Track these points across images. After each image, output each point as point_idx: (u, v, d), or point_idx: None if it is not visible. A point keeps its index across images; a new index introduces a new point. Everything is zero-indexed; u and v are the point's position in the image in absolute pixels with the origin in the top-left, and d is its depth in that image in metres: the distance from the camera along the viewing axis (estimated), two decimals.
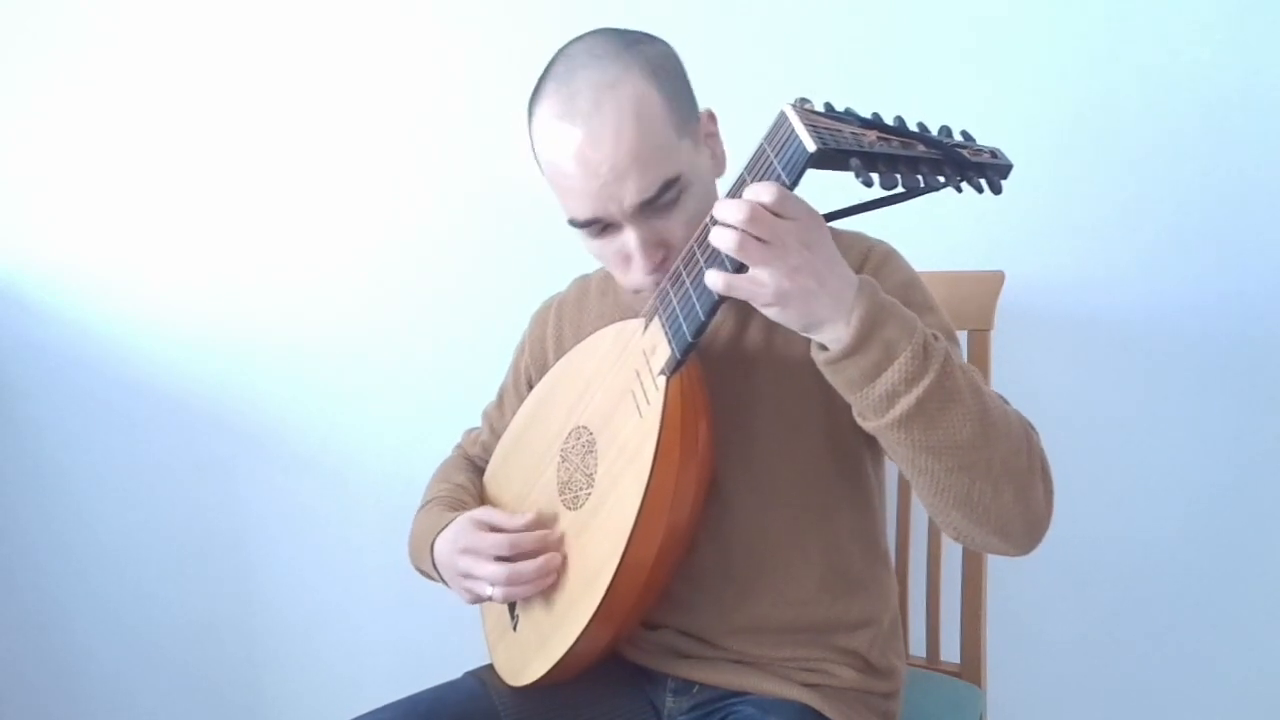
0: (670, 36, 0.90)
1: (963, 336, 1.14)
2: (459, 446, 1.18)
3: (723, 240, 0.70)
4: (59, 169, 1.59)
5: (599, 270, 1.08)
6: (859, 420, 0.76)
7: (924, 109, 1.28)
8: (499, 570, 0.88)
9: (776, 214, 0.69)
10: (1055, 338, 1.29)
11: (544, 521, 0.93)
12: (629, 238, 0.85)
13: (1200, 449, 1.28)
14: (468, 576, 0.92)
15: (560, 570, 0.90)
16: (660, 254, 0.85)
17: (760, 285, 0.71)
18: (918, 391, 0.70)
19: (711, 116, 0.90)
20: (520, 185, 1.42)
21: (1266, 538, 1.28)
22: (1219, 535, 1.29)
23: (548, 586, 0.91)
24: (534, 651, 0.92)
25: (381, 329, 1.54)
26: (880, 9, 1.28)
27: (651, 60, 0.84)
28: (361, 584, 1.63)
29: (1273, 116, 1.19)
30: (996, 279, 1.14)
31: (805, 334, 0.74)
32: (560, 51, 0.88)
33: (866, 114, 0.72)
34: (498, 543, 0.89)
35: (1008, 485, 0.74)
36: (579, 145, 0.81)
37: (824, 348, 0.73)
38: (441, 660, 1.11)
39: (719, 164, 0.91)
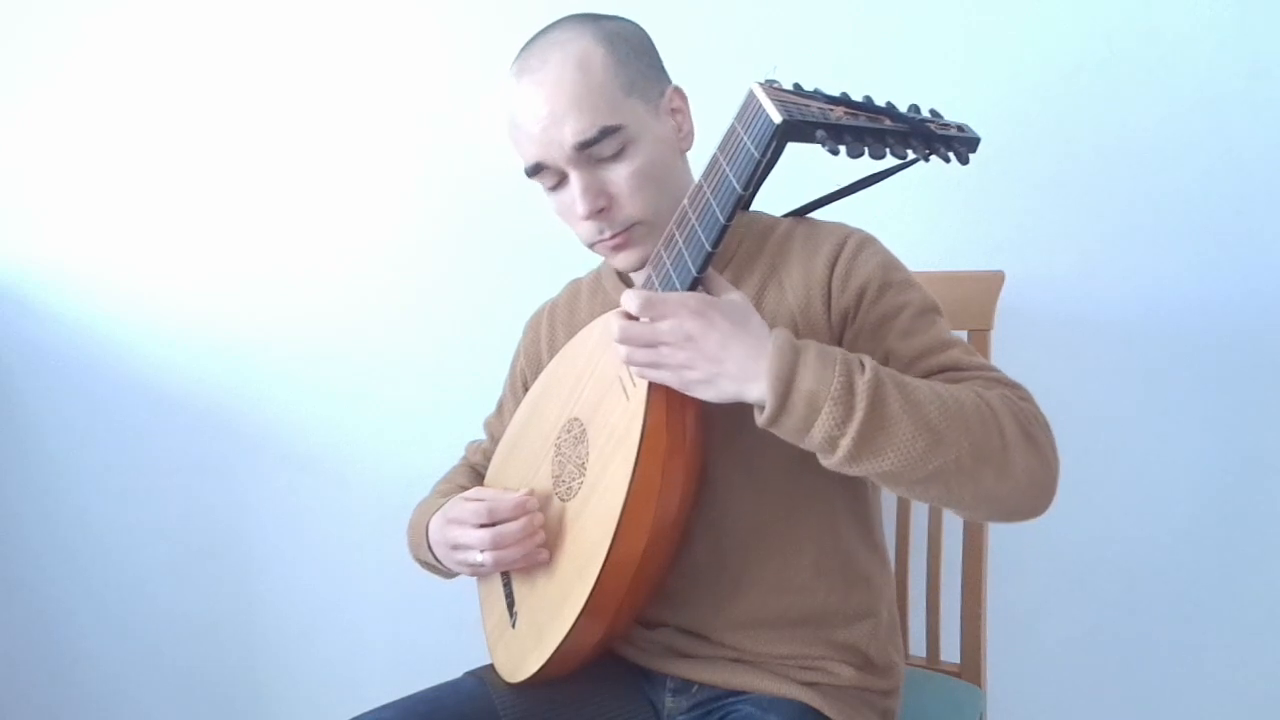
0: (671, 41, 0.91)
1: (962, 337, 1.15)
2: (463, 458, 1.19)
3: (618, 353, 0.79)
4: (60, 169, 1.59)
5: (590, 272, 1.09)
6: (820, 460, 0.78)
7: (924, 108, 1.28)
8: (484, 534, 0.90)
9: (649, 318, 0.76)
10: (1055, 338, 1.29)
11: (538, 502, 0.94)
12: (572, 181, 0.89)
13: (1200, 448, 1.28)
14: (457, 547, 0.94)
15: (555, 559, 0.91)
16: (601, 202, 0.89)
17: (667, 378, 0.78)
18: (852, 433, 0.72)
19: (680, 94, 0.94)
20: (521, 186, 1.43)
21: (1266, 537, 1.28)
22: (1219, 535, 1.29)
23: (543, 570, 0.91)
24: (531, 645, 0.93)
25: (381, 329, 1.54)
26: (879, 6, 1.28)
27: (609, 30, 0.90)
28: (361, 584, 1.63)
29: (1274, 115, 1.19)
30: (996, 279, 1.14)
31: (734, 400, 0.77)
32: None
33: (836, 93, 0.75)
34: (476, 509, 0.91)
35: (984, 471, 0.75)
36: (525, 93, 0.88)
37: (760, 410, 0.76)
38: (441, 660, 1.11)
39: (685, 139, 0.95)
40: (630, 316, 0.79)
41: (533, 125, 0.88)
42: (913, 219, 1.29)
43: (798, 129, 0.69)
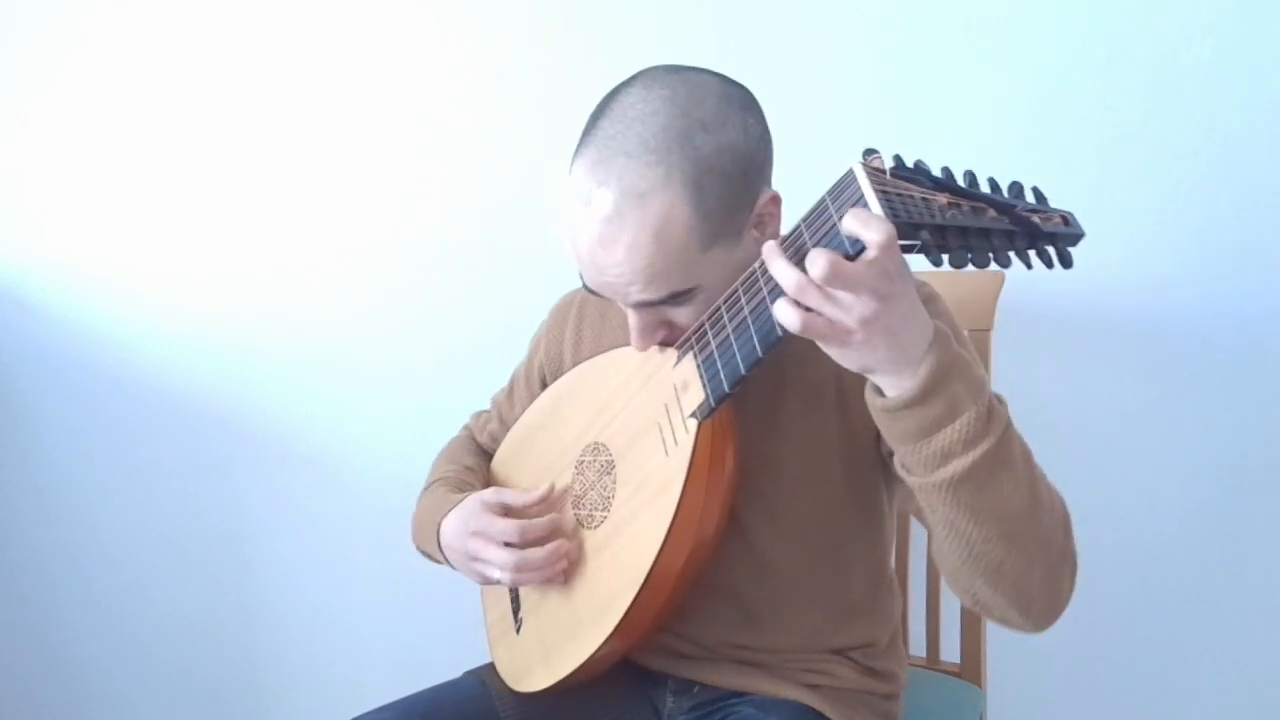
0: (673, 42, 0.88)
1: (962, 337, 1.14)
2: (466, 428, 1.17)
3: (785, 316, 0.65)
4: (60, 170, 1.59)
5: None
6: (901, 472, 0.72)
7: (926, 109, 1.28)
8: (508, 556, 0.88)
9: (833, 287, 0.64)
10: (1055, 338, 1.29)
11: (554, 508, 0.92)
12: (629, 317, 0.84)
13: (1200, 448, 1.28)
14: (476, 560, 0.91)
15: (572, 585, 0.90)
16: (661, 333, 0.84)
17: (826, 326, 0.65)
18: (974, 455, 0.67)
19: (775, 200, 0.82)
20: (520, 186, 1.43)
21: (1267, 538, 1.28)
22: (1219, 535, 1.29)
23: (555, 589, 0.91)
24: (537, 662, 0.92)
25: (382, 329, 1.54)
26: (883, 11, 1.28)
27: (701, 162, 0.75)
28: (361, 584, 1.63)
29: (1274, 116, 1.19)
30: (996, 279, 1.14)
31: (863, 374, 0.70)
32: (619, 96, 0.79)
33: (937, 169, 0.67)
34: (507, 529, 0.89)
35: (1040, 563, 0.72)
36: (591, 242, 0.77)
37: (881, 393, 0.70)
38: (441, 660, 1.11)
39: (766, 238, 0.82)
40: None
41: (594, 274, 0.79)
42: None
43: (900, 230, 0.62)
